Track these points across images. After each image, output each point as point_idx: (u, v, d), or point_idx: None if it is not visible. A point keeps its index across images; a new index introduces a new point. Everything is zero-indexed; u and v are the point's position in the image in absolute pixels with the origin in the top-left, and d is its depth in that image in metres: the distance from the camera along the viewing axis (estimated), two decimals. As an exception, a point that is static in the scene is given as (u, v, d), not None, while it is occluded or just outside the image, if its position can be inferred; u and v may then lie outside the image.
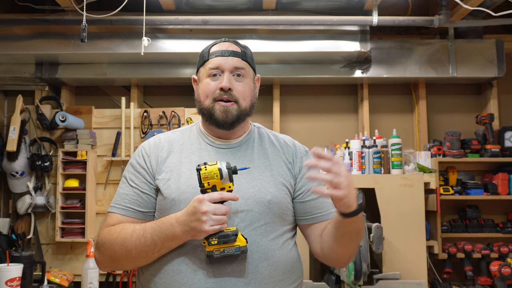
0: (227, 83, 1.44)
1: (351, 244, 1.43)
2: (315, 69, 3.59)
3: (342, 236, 1.38)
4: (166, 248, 1.36)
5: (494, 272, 3.17)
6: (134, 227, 1.39)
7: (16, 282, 2.58)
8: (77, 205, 3.41)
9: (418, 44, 3.60)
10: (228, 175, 1.31)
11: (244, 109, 1.48)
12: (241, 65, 1.48)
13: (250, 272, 1.35)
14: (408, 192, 3.04)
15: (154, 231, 1.35)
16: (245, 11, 3.41)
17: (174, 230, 1.33)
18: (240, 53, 1.49)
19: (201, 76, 1.52)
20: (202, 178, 1.31)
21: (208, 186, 1.31)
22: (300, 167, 1.52)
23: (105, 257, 1.42)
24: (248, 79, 1.50)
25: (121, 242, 1.37)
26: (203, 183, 1.31)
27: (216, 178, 1.30)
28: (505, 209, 3.72)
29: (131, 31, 3.31)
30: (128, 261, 1.39)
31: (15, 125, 3.37)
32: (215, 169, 1.31)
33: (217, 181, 1.31)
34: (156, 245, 1.35)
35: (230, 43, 1.52)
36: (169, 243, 1.35)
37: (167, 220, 1.35)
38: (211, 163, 1.32)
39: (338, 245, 1.41)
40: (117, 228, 1.41)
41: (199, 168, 1.32)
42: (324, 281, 2.83)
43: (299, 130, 3.83)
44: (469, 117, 3.83)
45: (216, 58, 1.47)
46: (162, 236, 1.34)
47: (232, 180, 1.33)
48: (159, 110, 3.59)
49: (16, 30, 3.35)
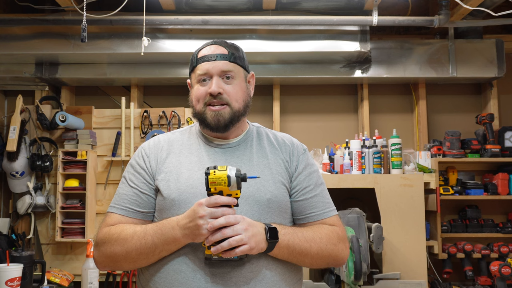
0: (215, 87, 1.44)
1: (301, 262, 1.44)
2: (315, 69, 3.59)
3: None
4: (166, 251, 1.36)
5: (494, 272, 3.17)
6: (135, 228, 1.39)
7: (16, 282, 2.58)
8: (77, 205, 3.41)
9: (418, 44, 3.60)
10: (237, 182, 1.28)
11: (238, 111, 1.47)
12: (229, 67, 1.47)
13: (249, 272, 1.35)
14: (408, 192, 3.04)
15: (155, 233, 1.35)
16: (245, 11, 3.41)
17: (174, 233, 1.33)
18: (227, 55, 1.48)
19: (192, 81, 1.53)
20: (210, 183, 1.28)
21: (215, 191, 1.29)
22: (296, 166, 1.51)
23: (104, 257, 1.42)
24: (238, 80, 1.49)
25: (121, 243, 1.37)
26: (210, 187, 1.29)
27: (224, 185, 1.27)
28: (505, 209, 3.72)
29: (131, 31, 3.31)
30: (127, 262, 1.39)
31: (15, 125, 3.37)
32: (224, 176, 1.27)
33: (224, 188, 1.28)
34: (156, 247, 1.35)
35: (217, 45, 1.50)
36: (170, 245, 1.35)
37: (168, 223, 1.35)
38: (220, 168, 1.28)
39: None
40: (117, 229, 1.40)
41: (207, 172, 1.28)
42: (324, 281, 2.82)
43: (299, 130, 3.83)
44: (469, 117, 3.83)
45: (204, 64, 1.47)
46: (162, 239, 1.34)
47: (240, 188, 1.29)
48: (159, 110, 3.59)
49: (16, 30, 3.35)
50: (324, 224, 1.48)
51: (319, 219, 1.48)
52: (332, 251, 1.44)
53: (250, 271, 1.35)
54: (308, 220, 1.48)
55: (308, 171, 1.52)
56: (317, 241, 1.41)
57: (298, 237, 1.38)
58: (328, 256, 1.44)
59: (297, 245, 1.38)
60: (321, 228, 1.45)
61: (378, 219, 2.99)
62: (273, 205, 1.42)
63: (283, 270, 1.41)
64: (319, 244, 1.41)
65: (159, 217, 1.43)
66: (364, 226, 2.80)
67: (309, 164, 1.54)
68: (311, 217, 1.48)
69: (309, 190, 1.49)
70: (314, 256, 1.42)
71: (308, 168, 1.53)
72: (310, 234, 1.41)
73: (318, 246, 1.41)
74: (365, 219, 2.84)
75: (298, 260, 1.42)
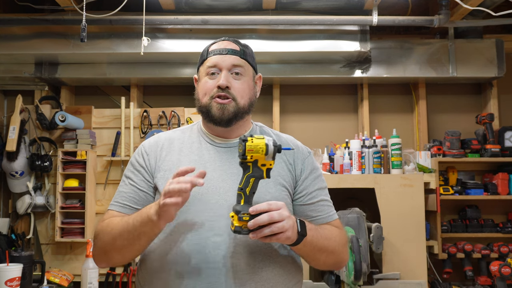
0: (224, 81, 1.44)
1: (316, 260, 1.45)
2: (315, 69, 3.59)
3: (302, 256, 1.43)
4: (144, 235, 1.32)
5: (494, 272, 3.17)
6: (123, 217, 1.39)
7: (16, 282, 2.58)
8: (76, 205, 3.41)
9: (418, 44, 3.60)
10: (273, 152, 1.27)
11: (242, 107, 1.47)
12: (239, 63, 1.48)
13: (248, 273, 1.34)
14: (408, 192, 3.03)
15: (136, 216, 1.33)
16: (245, 11, 3.41)
17: (149, 211, 1.30)
18: (239, 51, 1.49)
19: (200, 75, 1.52)
20: (247, 150, 1.25)
21: (251, 159, 1.26)
22: (301, 169, 1.51)
23: (97, 249, 1.43)
24: (246, 77, 1.50)
25: (109, 231, 1.38)
26: (247, 155, 1.25)
27: (261, 153, 1.25)
28: (505, 209, 3.72)
29: (130, 31, 3.31)
30: (116, 251, 1.38)
31: (15, 125, 3.36)
32: (262, 144, 1.25)
33: (261, 156, 1.26)
34: (135, 229, 1.32)
35: (229, 41, 1.52)
36: (146, 227, 1.30)
37: (149, 205, 1.34)
38: (257, 137, 1.27)
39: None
40: (109, 221, 1.41)
41: (245, 139, 1.26)
42: (324, 281, 2.82)
43: (299, 130, 3.83)
44: (469, 117, 3.82)
45: (214, 57, 1.48)
46: (139, 219, 1.31)
47: (274, 158, 1.28)
48: (159, 110, 3.59)
49: (15, 30, 3.35)
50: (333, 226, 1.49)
51: (324, 222, 1.49)
52: (341, 252, 1.47)
53: (250, 272, 1.35)
54: (313, 223, 1.46)
55: (314, 175, 1.52)
56: (332, 240, 1.43)
57: (319, 234, 1.38)
58: (337, 256, 1.46)
59: (319, 242, 1.38)
60: (332, 229, 1.47)
61: (378, 219, 2.99)
62: (273, 207, 1.42)
63: (283, 270, 1.40)
64: (333, 243, 1.43)
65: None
66: (364, 226, 2.80)
67: (314, 168, 1.54)
68: (316, 221, 1.48)
69: (316, 195, 1.50)
70: (329, 254, 1.43)
71: (314, 172, 1.53)
72: (328, 232, 1.43)
73: (333, 244, 1.43)
74: (365, 219, 2.84)
75: (314, 257, 1.42)
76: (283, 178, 1.47)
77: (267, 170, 1.29)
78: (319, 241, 1.38)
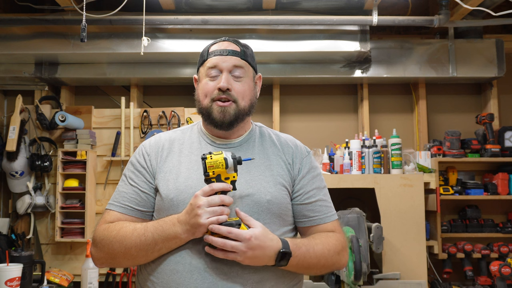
0: (225, 83, 1.43)
1: (307, 273, 1.47)
2: (315, 69, 3.59)
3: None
4: (166, 248, 1.35)
5: (494, 272, 3.17)
6: (135, 225, 1.38)
7: (16, 282, 2.58)
8: (76, 205, 3.41)
9: (418, 44, 3.60)
10: (233, 165, 1.33)
11: (243, 109, 1.47)
12: (240, 64, 1.47)
13: (248, 273, 1.34)
14: (408, 192, 3.03)
15: (156, 230, 1.34)
16: (245, 11, 3.41)
17: (175, 229, 1.32)
18: (239, 52, 1.49)
19: (200, 75, 1.52)
20: (208, 167, 1.31)
21: (213, 175, 1.32)
22: (299, 169, 1.50)
23: (102, 254, 1.41)
24: (247, 78, 1.49)
25: (121, 240, 1.36)
26: (208, 171, 1.32)
27: (222, 167, 1.32)
28: (505, 209, 3.72)
29: (130, 31, 3.31)
30: (126, 259, 1.39)
31: (15, 125, 3.36)
32: (221, 159, 1.32)
33: (222, 170, 1.32)
34: (156, 244, 1.34)
35: (230, 42, 1.51)
36: (170, 243, 1.34)
37: (169, 220, 1.35)
38: (216, 153, 1.33)
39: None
40: (116, 226, 1.40)
41: (204, 157, 1.32)
42: (324, 281, 2.82)
43: (299, 130, 3.83)
44: (469, 117, 3.83)
45: (215, 58, 1.47)
46: (163, 236, 1.33)
47: (236, 170, 1.34)
48: (159, 110, 3.59)
49: (15, 30, 3.35)
50: (330, 233, 1.47)
51: (321, 223, 1.48)
52: (336, 260, 1.45)
53: (249, 272, 1.35)
54: (310, 223, 1.47)
55: (312, 175, 1.51)
56: (325, 255, 1.41)
57: (309, 255, 1.38)
58: (332, 265, 1.45)
59: (306, 262, 1.38)
60: (329, 239, 1.44)
61: (378, 219, 2.99)
62: (273, 207, 1.41)
63: (282, 270, 1.40)
64: (326, 258, 1.41)
65: (158, 217, 1.43)
66: (364, 226, 2.79)
67: (312, 167, 1.53)
68: (313, 221, 1.47)
69: (313, 194, 1.49)
70: (320, 268, 1.44)
71: (312, 172, 1.52)
72: (320, 249, 1.40)
73: (325, 260, 1.41)
74: (365, 219, 2.84)
75: (301, 272, 1.45)
76: (283, 177, 1.47)
77: (232, 182, 1.34)
78: (306, 262, 1.37)
